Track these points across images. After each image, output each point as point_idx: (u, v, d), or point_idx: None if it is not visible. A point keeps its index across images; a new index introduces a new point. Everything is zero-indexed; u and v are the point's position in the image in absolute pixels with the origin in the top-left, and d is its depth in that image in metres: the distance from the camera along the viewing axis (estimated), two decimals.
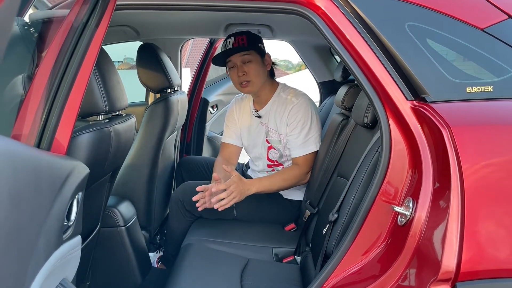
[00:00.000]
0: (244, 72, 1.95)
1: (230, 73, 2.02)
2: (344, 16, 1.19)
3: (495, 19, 1.16)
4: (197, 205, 1.81)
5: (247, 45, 1.93)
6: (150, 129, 2.12)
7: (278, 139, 2.05)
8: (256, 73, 1.97)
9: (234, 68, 1.98)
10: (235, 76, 1.98)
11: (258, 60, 1.98)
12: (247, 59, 1.95)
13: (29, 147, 0.92)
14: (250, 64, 1.96)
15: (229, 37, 1.96)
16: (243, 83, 1.97)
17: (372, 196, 1.17)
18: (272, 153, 2.10)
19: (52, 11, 1.60)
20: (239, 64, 1.96)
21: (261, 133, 2.10)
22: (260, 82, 2.00)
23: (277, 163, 2.11)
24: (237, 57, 1.95)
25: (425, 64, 1.13)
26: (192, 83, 3.18)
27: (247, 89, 2.00)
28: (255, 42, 1.98)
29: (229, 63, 2.00)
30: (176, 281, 1.52)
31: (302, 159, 1.97)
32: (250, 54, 1.95)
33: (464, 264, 0.97)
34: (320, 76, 3.34)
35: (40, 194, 0.85)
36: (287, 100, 2.02)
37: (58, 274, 0.99)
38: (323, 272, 1.21)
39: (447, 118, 1.05)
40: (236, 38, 1.93)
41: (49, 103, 1.00)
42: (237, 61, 1.96)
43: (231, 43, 1.94)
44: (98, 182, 1.52)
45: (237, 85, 2.02)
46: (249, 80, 1.96)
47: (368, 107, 1.43)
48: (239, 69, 1.96)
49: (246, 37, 1.94)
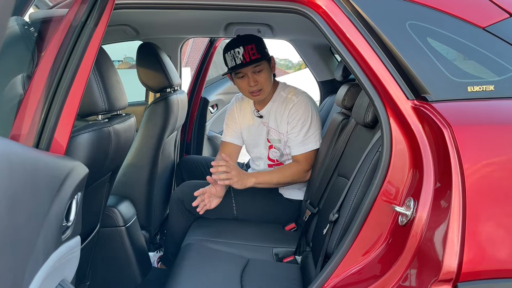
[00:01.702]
0: (256, 82, 1.94)
1: (239, 82, 1.98)
2: (344, 15, 1.19)
3: (497, 18, 1.15)
4: (198, 210, 1.81)
5: (258, 55, 1.90)
6: (150, 128, 2.12)
7: (278, 138, 2.05)
8: (266, 81, 1.96)
9: (245, 77, 1.95)
10: (246, 85, 1.96)
11: (267, 67, 1.97)
12: (258, 69, 1.93)
13: (26, 148, 0.92)
14: (261, 73, 1.94)
15: (237, 46, 1.90)
16: (255, 92, 1.96)
17: (372, 196, 1.17)
18: (272, 152, 2.09)
19: (52, 10, 1.59)
20: (250, 74, 1.93)
21: (263, 132, 2.10)
22: (269, 88, 2.00)
23: (277, 162, 2.11)
24: (248, 68, 1.92)
25: (426, 63, 1.13)
26: (192, 83, 3.18)
27: (258, 97, 1.99)
28: (263, 48, 1.96)
29: (238, 74, 1.96)
30: (176, 281, 1.52)
31: (302, 157, 1.97)
32: (261, 63, 1.93)
33: (466, 265, 0.97)
34: (320, 75, 3.33)
35: (38, 194, 0.84)
36: (287, 99, 2.01)
37: (57, 275, 0.98)
38: (324, 272, 1.21)
39: (448, 117, 1.04)
40: (246, 49, 1.88)
41: (48, 103, 0.99)
42: (249, 71, 1.93)
43: (241, 53, 1.89)
44: (97, 182, 1.51)
45: (246, 93, 2.00)
46: (261, 88, 1.96)
47: (368, 106, 1.42)
48: (251, 79, 1.93)
49: (255, 46, 1.90)
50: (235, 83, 2.02)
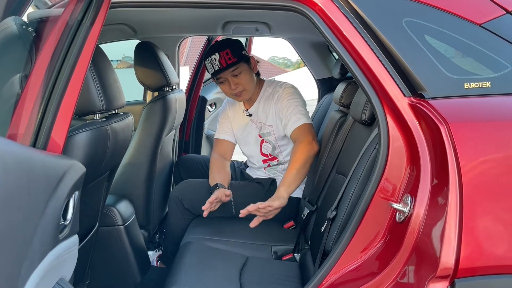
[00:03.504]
0: (237, 85, 1.99)
1: (222, 87, 2.05)
2: (341, 12, 1.19)
3: (493, 15, 1.16)
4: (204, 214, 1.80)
5: (234, 59, 1.94)
6: (148, 127, 2.11)
7: (268, 132, 2.09)
8: (247, 82, 2.01)
9: (225, 82, 2.01)
10: (228, 89, 2.02)
11: (246, 68, 2.01)
12: (236, 72, 1.97)
13: (22, 146, 0.92)
14: (240, 75, 1.98)
15: (213, 53, 1.95)
16: (238, 93, 2.01)
17: (370, 193, 1.17)
18: (264, 146, 2.12)
19: (50, 10, 1.59)
20: (229, 78, 1.98)
21: (252, 130, 2.14)
22: (253, 87, 2.05)
23: (271, 156, 2.13)
24: (227, 73, 1.97)
25: (422, 60, 1.13)
26: (190, 81, 3.18)
27: (242, 98, 2.05)
28: (239, 51, 1.98)
29: (219, 79, 2.02)
30: (175, 280, 1.52)
31: (298, 132, 1.94)
32: (239, 66, 1.97)
33: (463, 261, 0.97)
34: (318, 73, 3.33)
35: (34, 193, 0.84)
36: (273, 92, 2.06)
37: (55, 274, 0.98)
38: (322, 270, 1.21)
39: (445, 114, 1.04)
40: (221, 54, 1.94)
41: (44, 102, 0.99)
42: (227, 76, 1.98)
43: (217, 60, 1.94)
44: (96, 181, 1.51)
45: (230, 96, 2.06)
46: (243, 89, 2.01)
47: (366, 104, 1.42)
48: (231, 83, 1.99)
49: (230, 50, 1.94)
50: (219, 87, 2.08)
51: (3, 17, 1.09)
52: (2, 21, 1.11)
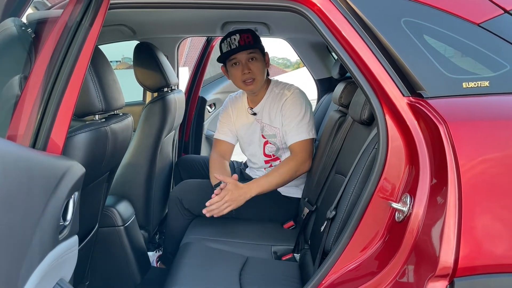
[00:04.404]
0: (250, 70, 1.96)
1: (233, 70, 2.00)
2: (339, 12, 1.19)
3: (491, 14, 1.16)
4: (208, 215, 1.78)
5: (253, 43, 1.94)
6: (148, 128, 2.12)
7: (273, 133, 2.07)
8: (259, 71, 1.98)
9: (238, 65, 1.97)
10: (239, 73, 1.98)
11: (261, 59, 2.00)
12: (252, 56, 1.96)
13: (22, 147, 0.92)
14: (255, 61, 1.97)
15: (233, 34, 1.95)
16: (248, 80, 1.97)
17: (369, 192, 1.17)
18: (268, 147, 2.11)
19: (49, 11, 1.59)
20: (244, 61, 1.96)
21: (257, 129, 2.11)
22: (263, 80, 2.02)
23: (274, 157, 2.12)
24: (243, 54, 1.95)
25: (421, 60, 1.13)
26: (189, 82, 3.18)
27: (251, 87, 2.00)
28: (259, 40, 2.00)
29: (232, 60, 1.98)
30: (175, 280, 1.52)
31: (297, 146, 1.95)
32: (256, 52, 1.96)
33: (462, 260, 0.97)
34: (317, 73, 3.34)
35: (33, 194, 0.85)
36: (280, 94, 2.04)
37: (54, 274, 0.99)
38: (322, 269, 1.21)
39: (443, 113, 1.05)
40: (242, 36, 1.93)
41: (44, 103, 0.99)
42: (243, 58, 1.96)
43: (236, 40, 1.93)
44: (95, 182, 1.51)
45: (239, 83, 2.01)
46: (254, 78, 1.97)
47: (365, 103, 1.42)
48: (245, 67, 1.96)
49: (251, 35, 1.95)
50: (229, 72, 2.04)
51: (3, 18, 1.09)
52: (1, 22, 1.11)
